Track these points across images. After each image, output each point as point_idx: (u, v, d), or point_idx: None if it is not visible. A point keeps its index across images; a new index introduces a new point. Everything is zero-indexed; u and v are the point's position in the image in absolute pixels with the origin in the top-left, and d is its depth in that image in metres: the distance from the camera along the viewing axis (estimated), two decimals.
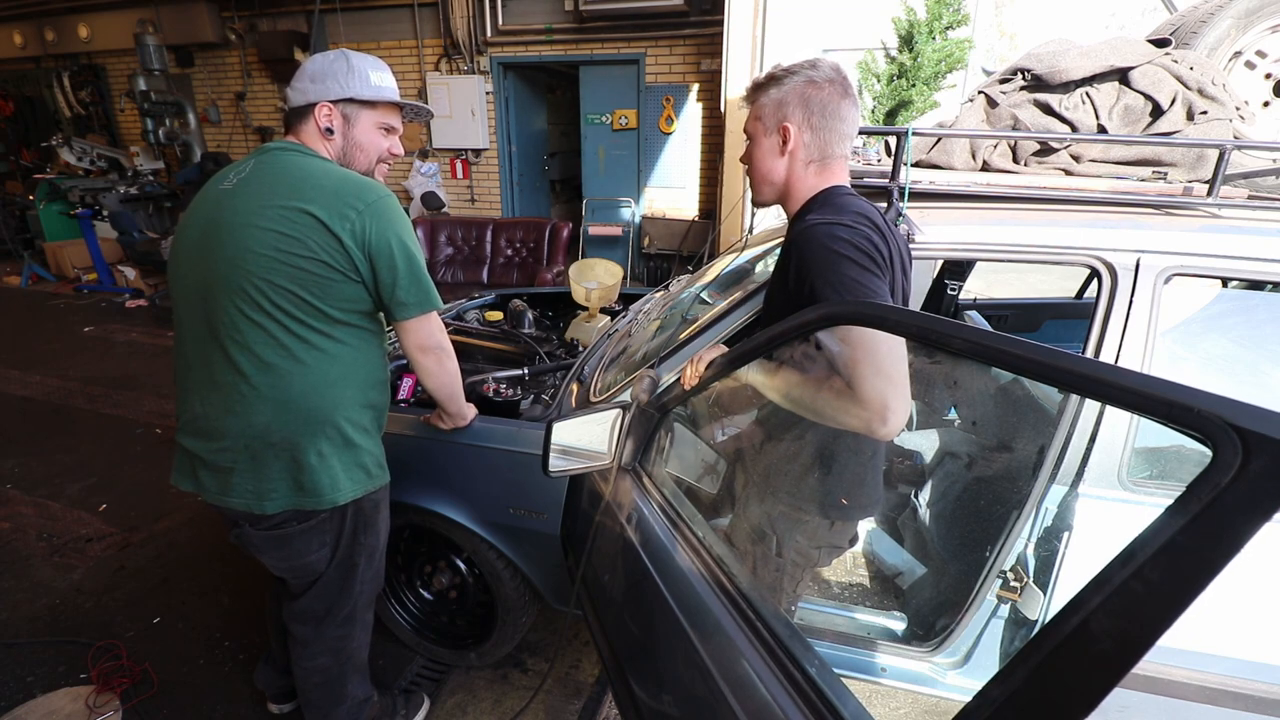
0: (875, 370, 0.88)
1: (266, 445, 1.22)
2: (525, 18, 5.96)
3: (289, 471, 1.25)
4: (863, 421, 0.90)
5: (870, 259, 1.00)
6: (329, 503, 1.28)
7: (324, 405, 1.24)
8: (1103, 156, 1.54)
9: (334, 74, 1.26)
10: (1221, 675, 1.26)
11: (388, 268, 1.21)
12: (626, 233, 6.25)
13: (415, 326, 1.28)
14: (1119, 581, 0.46)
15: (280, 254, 1.15)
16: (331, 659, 1.49)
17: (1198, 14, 1.83)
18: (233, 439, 1.22)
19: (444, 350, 1.35)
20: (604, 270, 2.66)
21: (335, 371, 1.25)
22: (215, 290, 1.18)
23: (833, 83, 1.11)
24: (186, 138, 6.57)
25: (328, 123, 1.27)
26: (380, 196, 1.21)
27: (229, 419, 1.21)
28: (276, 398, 1.20)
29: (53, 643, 2.04)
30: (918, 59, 4.30)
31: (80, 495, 2.87)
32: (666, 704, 1.05)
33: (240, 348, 1.18)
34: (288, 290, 1.17)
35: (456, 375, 1.42)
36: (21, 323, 5.51)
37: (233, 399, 1.20)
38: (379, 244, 1.19)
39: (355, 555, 1.40)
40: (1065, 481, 1.30)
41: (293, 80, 1.28)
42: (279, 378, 1.20)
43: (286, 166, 1.21)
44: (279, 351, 1.19)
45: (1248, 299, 1.81)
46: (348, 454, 1.29)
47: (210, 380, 1.22)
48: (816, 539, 1.25)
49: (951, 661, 1.47)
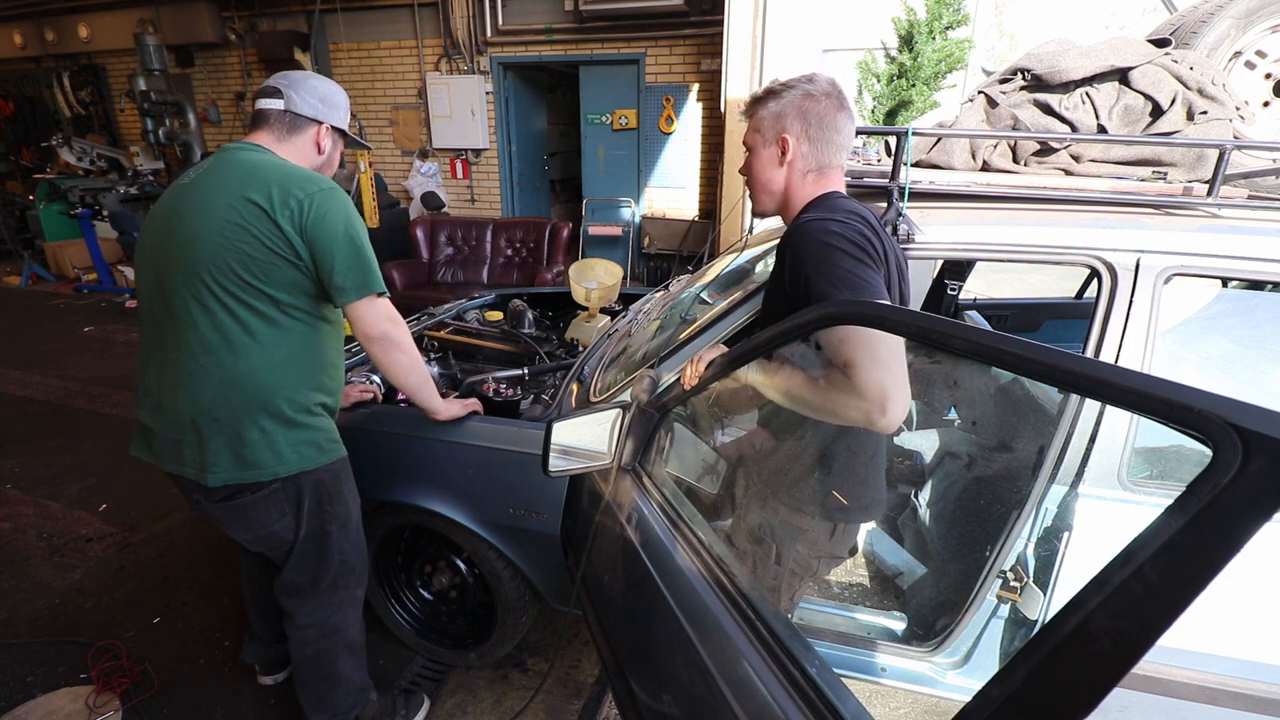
0: (873, 361, 0.88)
1: (210, 420, 1.29)
2: (525, 18, 5.96)
3: (230, 446, 1.30)
4: (862, 413, 0.90)
5: (863, 250, 1.02)
6: (270, 474, 1.33)
7: (267, 386, 1.30)
8: (1103, 156, 1.54)
9: (338, 105, 1.44)
10: (1221, 675, 1.26)
11: (325, 253, 1.28)
12: (626, 233, 6.25)
13: (358, 314, 1.34)
14: (1119, 581, 0.46)
15: (226, 240, 1.23)
16: (319, 631, 1.53)
17: (1198, 14, 1.83)
18: (180, 413, 1.30)
19: (390, 339, 1.38)
20: (604, 270, 2.66)
21: (279, 355, 1.31)
22: (169, 275, 1.28)
23: (829, 96, 1.15)
24: (186, 138, 6.55)
25: (324, 142, 1.44)
26: (322, 187, 1.30)
27: (178, 394, 1.29)
28: (222, 376, 1.27)
29: (53, 643, 2.04)
30: (918, 59, 4.30)
31: (80, 495, 2.87)
32: (666, 704, 1.05)
33: (190, 328, 1.27)
34: (234, 274, 1.25)
35: (413, 368, 1.44)
36: (21, 323, 5.51)
37: (182, 376, 1.29)
38: (316, 229, 1.26)
39: (326, 524, 1.45)
40: (1065, 481, 1.30)
41: (298, 90, 1.38)
42: (224, 357, 1.27)
43: (241, 162, 1.31)
44: (225, 334, 1.27)
45: (1248, 299, 1.81)
46: (293, 431, 1.35)
47: (164, 359, 1.31)
48: (816, 548, 1.25)
49: (951, 661, 1.47)
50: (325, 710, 1.59)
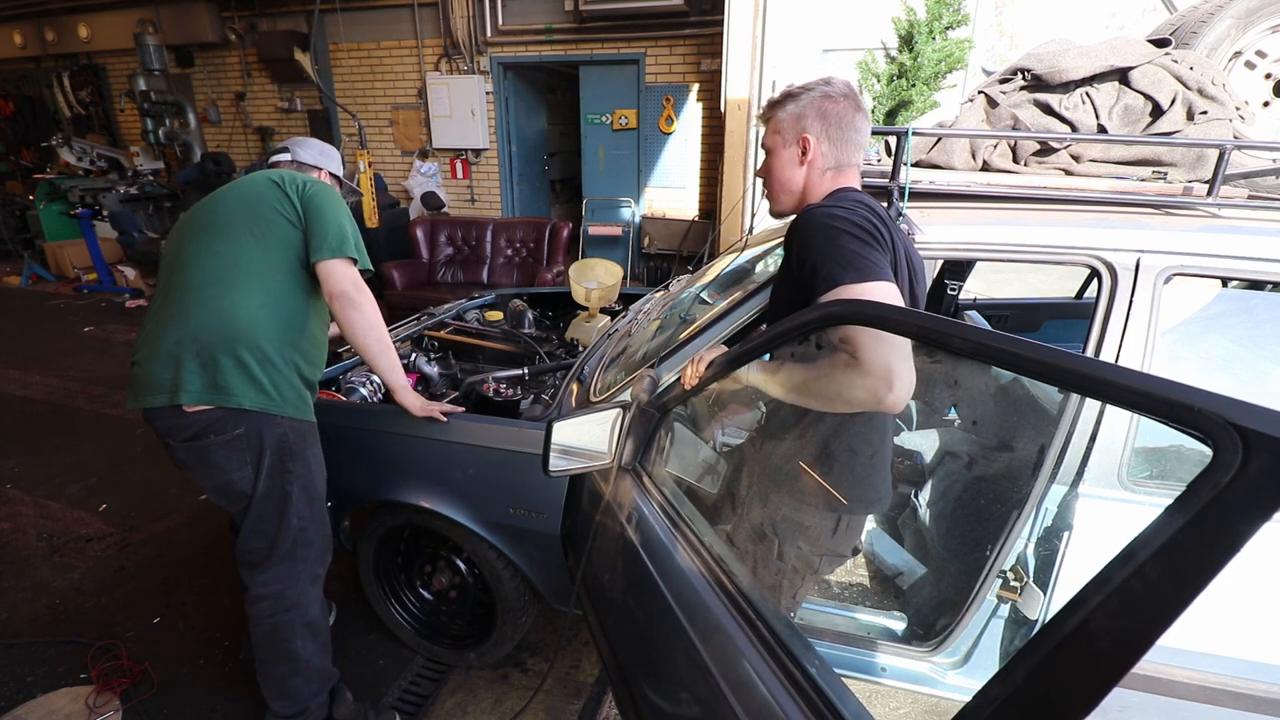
0: (877, 340, 0.89)
1: (192, 341, 1.40)
2: (525, 18, 5.96)
3: (206, 368, 1.40)
4: (869, 391, 0.90)
5: (869, 234, 1.03)
6: (236, 403, 1.41)
7: (249, 321, 1.43)
8: (1103, 156, 1.55)
9: (333, 157, 1.83)
10: (1221, 675, 1.26)
11: (313, 218, 1.52)
12: (626, 233, 6.24)
13: (326, 270, 1.49)
14: (1119, 581, 0.46)
15: (242, 203, 1.51)
16: (273, 604, 1.54)
17: (1198, 14, 1.83)
18: (168, 342, 1.40)
19: (349, 298, 1.49)
20: (604, 270, 2.66)
21: (265, 299, 1.46)
22: (190, 236, 1.51)
23: (847, 97, 1.18)
24: (186, 138, 6.56)
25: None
26: (325, 186, 1.60)
27: (170, 324, 1.42)
28: (212, 306, 1.42)
29: (53, 643, 2.04)
30: (918, 59, 4.30)
31: (80, 495, 2.87)
32: (667, 704, 1.05)
33: (193, 268, 1.46)
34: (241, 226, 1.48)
35: (369, 329, 1.52)
36: (21, 323, 5.51)
37: (176, 307, 1.43)
38: (310, 203, 1.53)
39: (286, 485, 1.50)
40: (1065, 481, 1.30)
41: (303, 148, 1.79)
42: (216, 290, 1.43)
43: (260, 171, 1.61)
44: (220, 271, 1.45)
45: (1248, 299, 1.81)
46: (266, 370, 1.44)
47: (165, 304, 1.47)
48: (819, 545, 1.25)
49: (951, 661, 1.47)
50: (284, 696, 1.57)
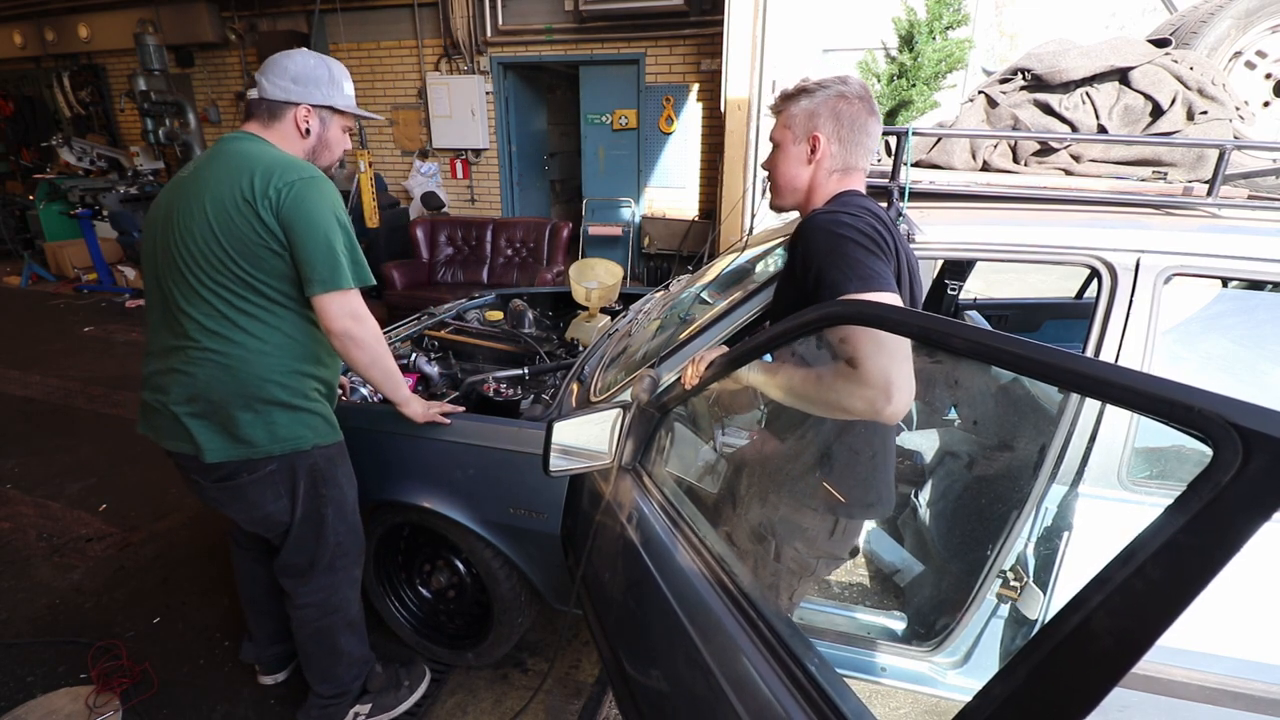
0: (877, 348, 0.88)
1: (206, 402, 1.34)
2: (525, 18, 5.96)
3: (225, 426, 1.36)
4: (867, 401, 0.89)
5: (874, 242, 1.02)
6: (264, 452, 1.38)
7: (260, 372, 1.35)
8: (1103, 156, 1.55)
9: (316, 81, 1.38)
10: (1221, 675, 1.26)
11: (297, 243, 1.29)
12: (626, 233, 6.24)
13: (320, 306, 1.33)
14: (1120, 580, 0.46)
15: (217, 231, 1.27)
16: (318, 610, 1.58)
17: (1198, 14, 1.83)
18: (178, 394, 1.35)
19: (349, 335, 1.36)
20: (604, 270, 2.66)
21: (273, 343, 1.36)
22: (168, 266, 1.33)
23: (862, 99, 1.16)
24: (186, 138, 6.54)
25: (306, 124, 1.40)
26: (303, 177, 1.30)
27: (177, 377, 1.35)
28: (219, 361, 1.33)
29: (53, 643, 2.04)
30: (918, 59, 4.30)
31: (80, 495, 2.87)
32: (667, 703, 1.05)
33: (188, 317, 1.32)
34: (225, 265, 1.29)
35: (372, 364, 1.42)
36: (21, 323, 5.51)
37: (182, 359, 1.34)
38: (290, 218, 1.28)
39: (321, 508, 1.49)
40: (1065, 481, 1.30)
41: (268, 74, 1.36)
42: (220, 345, 1.33)
43: (232, 153, 1.32)
44: (221, 321, 1.32)
45: (1248, 299, 1.81)
46: (286, 414, 1.39)
47: (167, 345, 1.37)
48: (815, 547, 1.25)
49: (951, 661, 1.47)
50: (330, 683, 1.64)
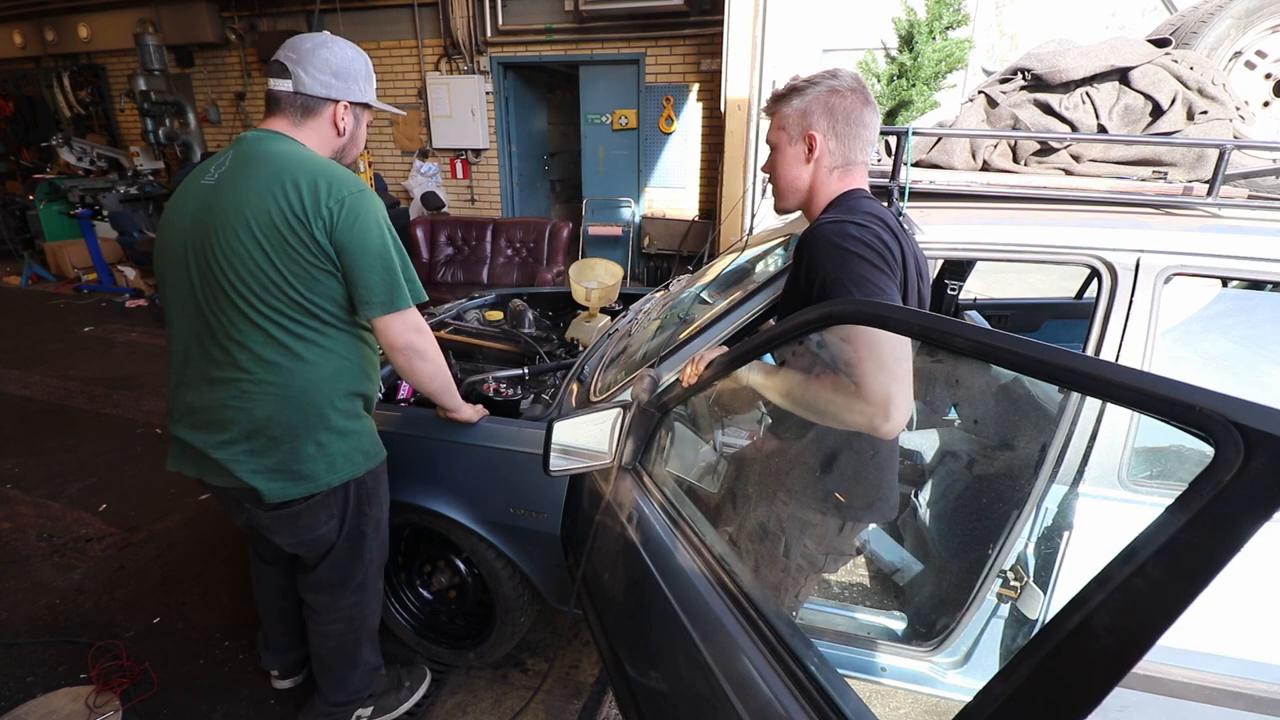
0: (879, 365, 0.87)
1: (268, 438, 1.28)
2: (525, 18, 5.96)
3: (287, 462, 1.30)
4: (865, 417, 0.89)
5: (880, 256, 1.01)
6: (324, 485, 1.35)
7: (321, 399, 1.30)
8: (1103, 156, 1.55)
9: (355, 75, 1.30)
10: (1221, 675, 1.26)
11: (353, 265, 1.23)
12: (626, 233, 6.24)
13: (383, 325, 1.29)
14: (1121, 579, 0.46)
15: (270, 254, 1.18)
16: (346, 625, 1.56)
17: (1198, 14, 1.83)
18: (235, 431, 1.27)
19: (414, 350, 1.34)
20: (604, 270, 2.66)
21: (331, 367, 1.30)
22: (212, 291, 1.21)
23: (855, 91, 1.13)
24: (186, 138, 6.56)
25: (344, 122, 1.33)
26: (353, 192, 1.22)
27: (231, 413, 1.26)
28: (278, 393, 1.25)
29: (53, 643, 2.04)
30: (918, 59, 4.30)
31: (80, 495, 2.87)
32: (668, 703, 1.05)
33: (240, 346, 1.23)
34: (282, 290, 1.20)
35: (435, 375, 1.43)
36: (21, 323, 5.50)
37: (234, 394, 1.25)
38: (346, 238, 1.21)
39: (363, 525, 1.48)
40: (1065, 481, 1.30)
41: (307, 66, 1.24)
42: (280, 374, 1.25)
43: (267, 157, 1.21)
44: (278, 350, 1.24)
45: (1248, 299, 1.81)
46: (344, 441, 1.36)
47: (210, 376, 1.27)
48: (824, 543, 1.25)
49: (951, 661, 1.47)
50: (343, 691, 1.63)
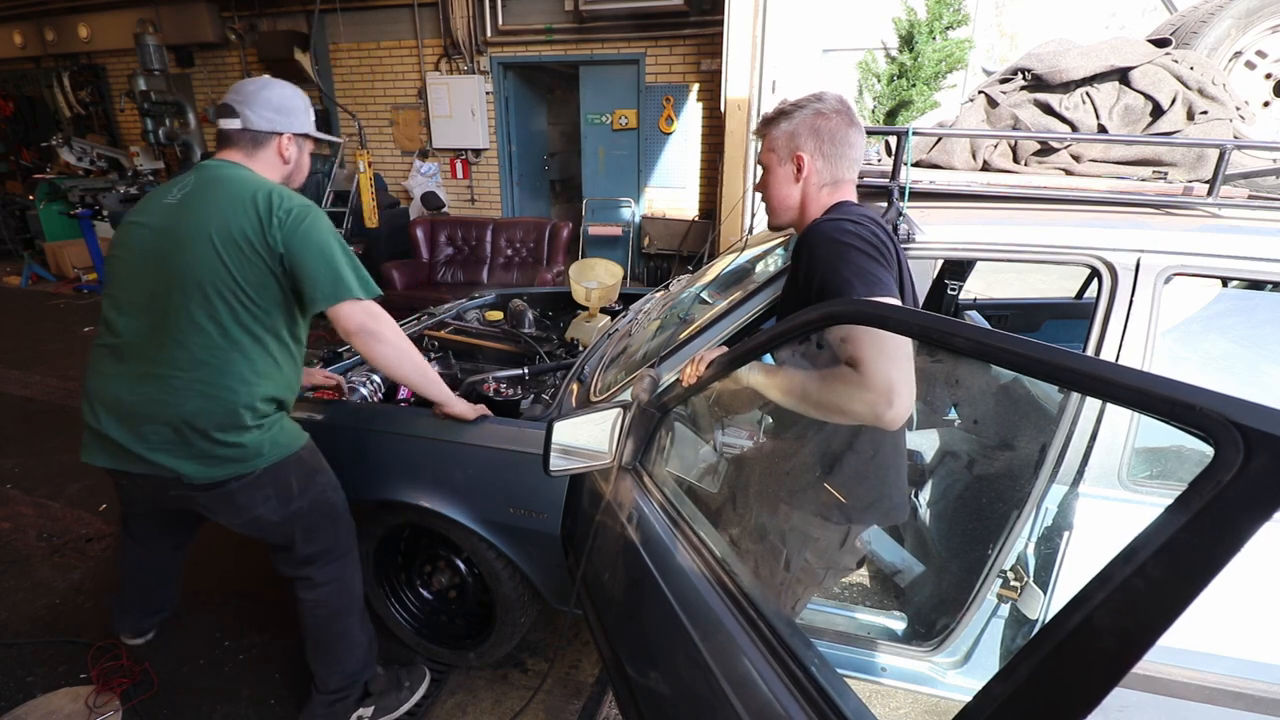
0: (879, 353, 0.89)
1: (192, 429, 1.36)
2: (525, 18, 5.96)
3: (209, 450, 1.38)
4: (868, 405, 0.90)
5: (876, 250, 1.04)
6: (249, 469, 1.41)
7: (243, 397, 1.38)
8: (1103, 156, 1.54)
9: (294, 110, 1.48)
10: (1221, 675, 1.26)
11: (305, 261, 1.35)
12: (626, 233, 6.24)
13: (334, 314, 1.39)
14: (1121, 579, 0.46)
15: (229, 265, 1.32)
16: (336, 586, 1.60)
17: (1198, 14, 1.83)
18: (162, 424, 1.35)
19: (367, 332, 1.41)
20: (604, 270, 2.66)
21: (259, 369, 1.40)
22: (167, 295, 1.33)
23: (839, 113, 1.18)
24: (186, 138, 6.54)
25: (288, 151, 1.50)
26: (303, 203, 1.39)
27: (159, 407, 1.35)
28: (204, 391, 1.35)
29: (53, 643, 2.04)
30: (918, 59, 4.31)
31: (80, 495, 2.87)
32: (668, 703, 1.05)
33: (179, 346, 1.34)
34: (231, 293, 1.33)
35: (401, 359, 1.47)
36: (21, 323, 5.51)
37: (165, 389, 1.35)
38: (295, 239, 1.34)
39: (326, 492, 1.55)
40: (1066, 481, 1.30)
41: (251, 106, 1.42)
42: (209, 374, 1.35)
43: (227, 180, 1.38)
44: (214, 351, 1.35)
45: (1248, 299, 1.81)
46: (261, 432, 1.43)
47: (144, 373, 1.36)
48: (825, 558, 1.25)
49: (951, 661, 1.47)
50: (337, 672, 1.64)
